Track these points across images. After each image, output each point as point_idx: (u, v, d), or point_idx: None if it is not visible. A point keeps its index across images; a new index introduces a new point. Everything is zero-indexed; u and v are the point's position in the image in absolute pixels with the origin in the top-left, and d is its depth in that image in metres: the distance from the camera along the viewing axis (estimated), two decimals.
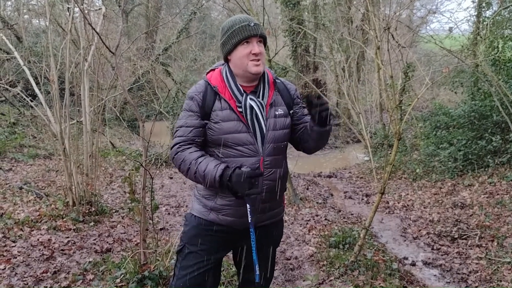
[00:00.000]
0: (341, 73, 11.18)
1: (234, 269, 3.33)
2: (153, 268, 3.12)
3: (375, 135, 11.57)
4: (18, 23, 11.92)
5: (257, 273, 1.90)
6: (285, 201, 2.13)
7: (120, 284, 3.12)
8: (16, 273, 3.34)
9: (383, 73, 9.01)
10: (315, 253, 4.18)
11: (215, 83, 1.90)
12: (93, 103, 5.21)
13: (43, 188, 6.22)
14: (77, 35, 5.57)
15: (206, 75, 1.98)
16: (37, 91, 5.01)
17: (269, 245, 2.05)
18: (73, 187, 4.81)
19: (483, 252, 4.30)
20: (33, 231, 4.25)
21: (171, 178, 8.43)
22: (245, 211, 1.88)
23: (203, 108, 1.87)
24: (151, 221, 3.19)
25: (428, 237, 4.98)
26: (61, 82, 5.18)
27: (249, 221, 1.85)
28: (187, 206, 6.15)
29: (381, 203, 6.36)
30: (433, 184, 7.31)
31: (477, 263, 4.08)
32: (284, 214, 2.16)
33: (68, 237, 4.18)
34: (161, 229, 4.80)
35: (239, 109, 1.86)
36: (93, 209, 4.95)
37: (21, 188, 5.92)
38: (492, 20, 7.49)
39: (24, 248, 3.80)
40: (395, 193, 7.34)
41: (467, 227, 5.03)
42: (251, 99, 1.87)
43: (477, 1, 9.19)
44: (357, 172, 10.09)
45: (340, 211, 6.39)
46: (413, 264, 4.22)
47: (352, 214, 6.27)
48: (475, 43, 8.69)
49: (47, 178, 6.89)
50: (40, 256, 3.66)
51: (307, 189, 7.94)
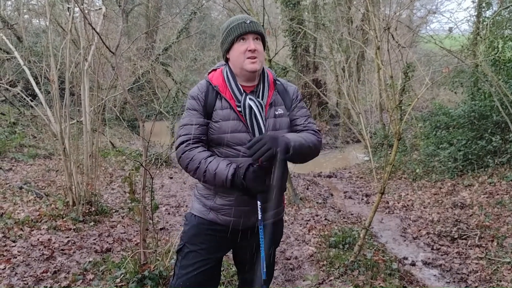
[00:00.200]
0: (341, 73, 11.18)
1: (234, 269, 3.33)
2: (153, 268, 3.12)
3: (375, 135, 11.58)
4: (18, 23, 11.92)
5: (264, 270, 1.90)
6: (285, 201, 2.13)
7: (120, 284, 3.12)
8: (16, 273, 3.34)
9: (383, 73, 9.00)
10: (315, 253, 4.18)
11: (216, 83, 1.92)
12: (93, 103, 5.21)
13: (43, 188, 6.22)
14: (77, 35, 5.57)
15: (207, 75, 2.00)
16: (37, 91, 5.01)
17: (269, 246, 2.04)
18: (73, 187, 4.81)
19: (483, 252, 4.30)
20: (33, 231, 4.25)
21: (171, 178, 8.43)
22: (246, 211, 1.89)
23: (205, 107, 1.89)
24: (151, 221, 3.20)
25: (428, 237, 4.98)
26: (61, 82, 5.18)
27: (258, 218, 1.87)
28: (187, 206, 6.16)
29: (381, 203, 6.36)
30: (433, 184, 7.31)
31: (477, 263, 4.09)
32: (284, 214, 2.16)
33: (68, 237, 4.18)
34: (161, 229, 4.80)
35: (239, 109, 1.87)
36: (93, 209, 4.95)
37: (21, 188, 5.92)
38: (492, 20, 7.49)
39: (24, 248, 3.80)
40: (395, 193, 7.34)
41: (467, 227, 5.04)
42: (251, 99, 1.88)
43: (477, 1, 9.19)
44: (357, 172, 10.09)
45: (340, 211, 6.39)
46: (413, 264, 4.22)
47: (352, 214, 6.27)
48: (475, 43, 8.68)
49: (47, 178, 6.89)
50: (40, 256, 3.67)
51: (307, 189, 7.94)
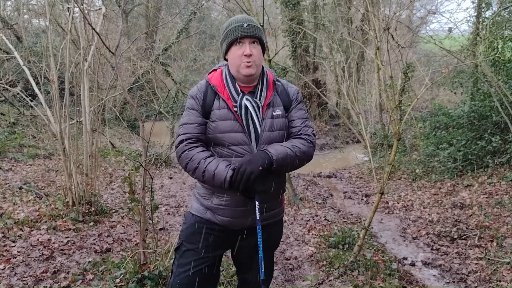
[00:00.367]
0: (340, 73, 11.18)
1: (234, 269, 3.33)
2: (153, 268, 3.12)
3: (374, 135, 11.57)
4: (18, 23, 11.93)
5: (263, 269, 1.91)
6: (284, 202, 2.13)
7: (119, 284, 3.12)
8: (15, 273, 3.34)
9: (382, 73, 9.00)
10: (315, 253, 4.18)
11: (215, 83, 1.93)
12: (93, 103, 5.21)
13: (43, 188, 6.21)
14: (77, 35, 5.57)
15: (208, 74, 2.00)
16: (37, 91, 5.00)
17: (267, 246, 2.04)
18: (73, 187, 4.81)
19: (482, 252, 4.31)
20: (32, 231, 4.25)
21: (171, 178, 8.43)
22: (243, 211, 1.90)
23: (203, 106, 1.90)
24: (150, 221, 3.20)
25: (427, 237, 4.98)
26: (61, 82, 5.17)
27: (257, 218, 1.87)
28: (186, 206, 6.16)
29: (380, 203, 6.36)
30: (433, 184, 7.31)
31: (476, 263, 4.09)
32: (283, 215, 2.16)
33: (67, 237, 4.18)
34: (160, 229, 4.80)
35: (235, 109, 1.88)
36: (93, 209, 4.95)
37: (20, 188, 5.91)
38: (491, 20, 7.49)
39: (23, 248, 3.80)
40: (395, 193, 7.34)
41: (466, 228, 5.04)
42: (247, 99, 1.88)
43: (476, 1, 9.20)
44: (356, 172, 10.09)
45: (339, 211, 6.39)
46: (413, 264, 4.22)
47: (351, 214, 6.27)
48: (474, 44, 8.69)
49: (47, 178, 6.89)
50: (39, 256, 3.66)
51: (307, 189, 7.94)
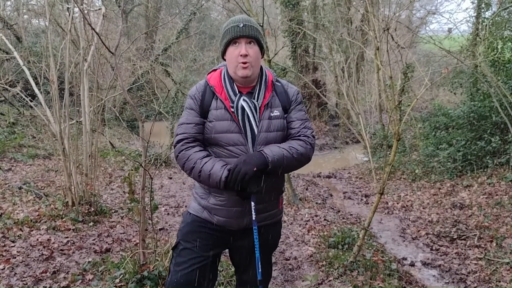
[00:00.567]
0: (340, 73, 11.19)
1: (233, 269, 3.32)
2: (152, 268, 3.12)
3: (374, 135, 11.58)
4: (17, 23, 11.93)
5: (260, 270, 1.91)
6: (282, 204, 2.12)
7: (119, 284, 3.12)
8: (15, 273, 3.34)
9: (382, 73, 9.01)
10: (314, 253, 4.18)
11: (213, 83, 1.93)
12: (92, 103, 5.21)
13: (43, 188, 6.21)
14: (76, 35, 5.56)
15: (207, 75, 2.01)
16: (36, 91, 5.00)
17: (265, 247, 2.03)
18: (73, 187, 4.81)
19: (482, 252, 4.31)
20: (32, 231, 4.25)
21: (171, 178, 8.43)
22: (239, 211, 1.90)
23: (201, 106, 1.91)
24: (150, 221, 3.20)
25: (427, 238, 4.98)
26: (60, 82, 5.17)
27: (253, 218, 1.87)
28: (186, 206, 6.15)
29: (380, 204, 6.37)
30: (432, 184, 7.31)
31: (476, 264, 4.09)
32: (281, 216, 2.15)
33: (67, 237, 4.18)
34: (160, 229, 4.80)
35: (232, 109, 1.88)
36: (93, 209, 4.95)
37: (20, 188, 5.91)
38: (491, 21, 7.50)
39: (23, 248, 3.80)
40: (394, 194, 7.35)
41: (466, 228, 5.04)
42: (244, 100, 1.88)
43: (476, 2, 9.21)
44: (356, 172, 10.10)
45: (339, 211, 6.40)
46: (412, 264, 4.23)
47: (351, 214, 6.27)
48: (474, 44, 8.70)
49: (47, 178, 6.88)
50: (39, 256, 3.66)
51: (307, 189, 7.94)
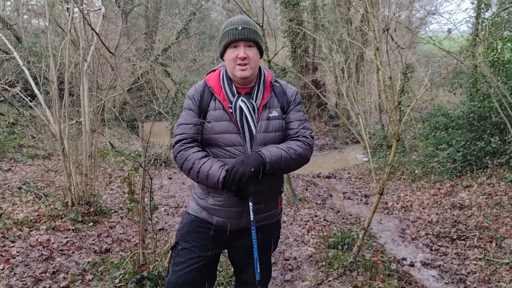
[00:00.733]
0: (340, 74, 11.20)
1: (232, 269, 3.32)
2: (152, 268, 3.12)
3: (374, 136, 11.58)
4: (17, 23, 11.93)
5: (258, 270, 1.91)
6: (281, 204, 2.12)
7: (119, 284, 3.12)
8: (15, 273, 3.33)
9: (382, 74, 9.01)
10: (314, 253, 4.18)
11: (212, 84, 1.94)
12: (92, 103, 5.21)
13: (42, 188, 6.21)
14: (76, 35, 5.56)
15: (206, 75, 2.01)
16: (36, 91, 5.00)
17: (264, 248, 2.03)
18: (72, 187, 4.81)
19: (481, 253, 4.31)
20: (32, 231, 4.25)
21: (170, 178, 8.43)
22: (237, 212, 1.90)
23: (200, 107, 1.91)
24: (150, 222, 3.20)
25: (426, 238, 4.98)
26: (60, 82, 5.17)
27: (251, 219, 1.87)
28: (186, 206, 6.13)
29: (380, 204, 6.36)
30: (432, 185, 7.32)
31: (475, 264, 4.09)
32: (281, 216, 2.15)
33: (67, 237, 4.18)
34: (160, 230, 4.80)
35: (231, 110, 1.88)
36: (92, 210, 4.95)
37: (20, 188, 5.91)
38: (491, 21, 7.50)
39: (23, 248, 3.80)
40: (394, 194, 7.35)
41: (465, 228, 5.04)
42: (242, 101, 1.89)
43: (476, 2, 9.21)
44: (356, 172, 10.10)
45: (339, 211, 6.40)
46: (412, 264, 4.23)
47: (351, 214, 6.28)
48: (474, 44, 8.70)
49: (46, 178, 6.88)
50: (39, 256, 3.66)
51: (306, 189, 7.95)
